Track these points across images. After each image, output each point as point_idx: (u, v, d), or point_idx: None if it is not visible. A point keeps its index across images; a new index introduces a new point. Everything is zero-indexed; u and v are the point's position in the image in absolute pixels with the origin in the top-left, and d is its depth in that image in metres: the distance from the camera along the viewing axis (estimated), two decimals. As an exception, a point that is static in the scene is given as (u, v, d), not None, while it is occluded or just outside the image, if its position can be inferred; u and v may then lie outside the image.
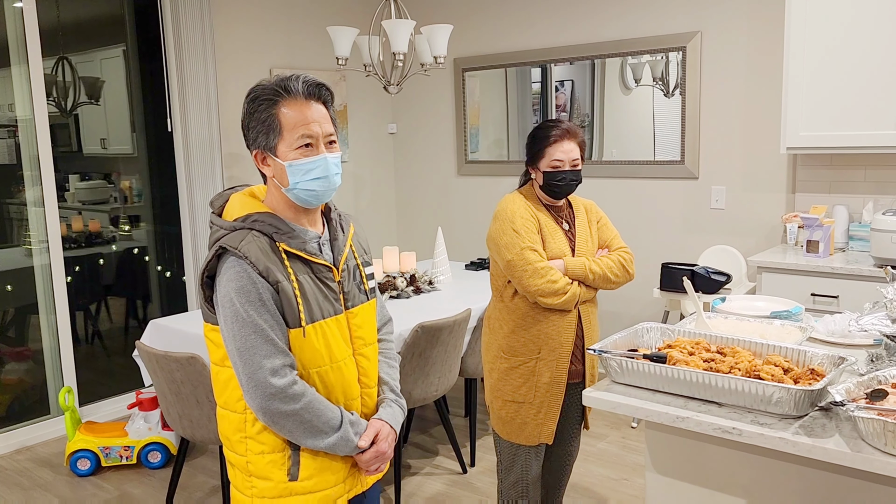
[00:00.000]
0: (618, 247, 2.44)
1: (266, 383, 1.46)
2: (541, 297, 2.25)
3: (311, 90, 1.54)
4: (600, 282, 2.34)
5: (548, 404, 2.36)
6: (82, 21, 4.11)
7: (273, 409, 1.47)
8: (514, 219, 2.29)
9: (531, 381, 2.34)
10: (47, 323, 3.97)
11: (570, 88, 4.59)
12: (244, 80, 4.57)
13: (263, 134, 1.53)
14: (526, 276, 2.24)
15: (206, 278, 1.53)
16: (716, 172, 4.12)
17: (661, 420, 1.63)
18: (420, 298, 3.62)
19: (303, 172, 1.52)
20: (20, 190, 3.84)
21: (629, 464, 3.46)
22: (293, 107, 1.51)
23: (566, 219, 2.42)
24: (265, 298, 1.48)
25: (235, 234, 1.51)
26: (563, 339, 2.33)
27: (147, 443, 3.47)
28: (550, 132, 2.32)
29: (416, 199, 5.52)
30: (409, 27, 3.58)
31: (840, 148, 3.43)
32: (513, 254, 2.26)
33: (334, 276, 1.60)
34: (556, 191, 2.33)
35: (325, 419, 1.52)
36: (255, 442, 1.55)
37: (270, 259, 1.50)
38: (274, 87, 1.52)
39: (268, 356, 1.47)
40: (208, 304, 1.55)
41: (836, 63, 3.39)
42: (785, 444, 1.48)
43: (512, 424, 2.39)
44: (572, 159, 2.31)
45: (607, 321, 4.62)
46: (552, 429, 2.38)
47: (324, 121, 1.54)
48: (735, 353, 1.77)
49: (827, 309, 3.30)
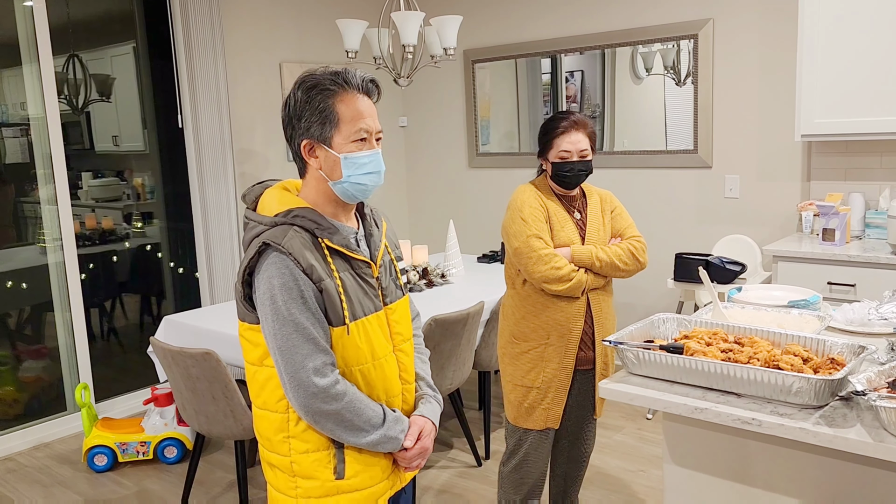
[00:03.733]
0: (631, 235, 2.45)
1: (309, 382, 1.44)
2: (545, 283, 2.29)
3: (367, 85, 1.53)
4: (608, 269, 2.35)
5: (555, 389, 2.40)
6: (92, 19, 4.12)
7: (315, 408, 1.46)
8: (522, 208, 2.34)
9: (539, 367, 2.39)
10: (62, 320, 3.99)
11: (580, 79, 4.56)
12: (254, 76, 4.57)
13: (318, 124, 1.50)
14: (531, 262, 2.28)
15: (247, 275, 1.49)
16: (729, 161, 4.08)
17: (680, 411, 1.62)
18: (433, 292, 3.62)
19: (356, 166, 1.51)
20: (34, 188, 3.86)
21: (645, 455, 3.44)
22: (350, 100, 1.50)
23: (578, 208, 2.43)
24: (307, 296, 1.45)
25: (278, 230, 1.48)
26: (571, 325, 2.37)
27: (163, 438, 3.49)
28: (558, 123, 2.36)
29: (427, 192, 5.51)
30: (418, 19, 3.56)
31: (856, 134, 3.38)
32: (519, 241, 2.31)
33: (373, 272, 1.58)
34: (566, 181, 2.36)
35: (366, 417, 1.50)
36: (299, 441, 1.53)
37: (314, 256, 1.48)
38: (332, 78, 1.50)
39: (309, 355, 1.45)
40: (246, 303, 1.51)
41: (851, 48, 3.34)
42: (805, 435, 1.46)
43: (520, 408, 2.44)
44: (580, 150, 2.33)
45: (621, 312, 4.60)
46: (558, 413, 2.43)
47: (375, 116, 1.55)
48: (753, 343, 1.75)
49: (844, 297, 3.27)
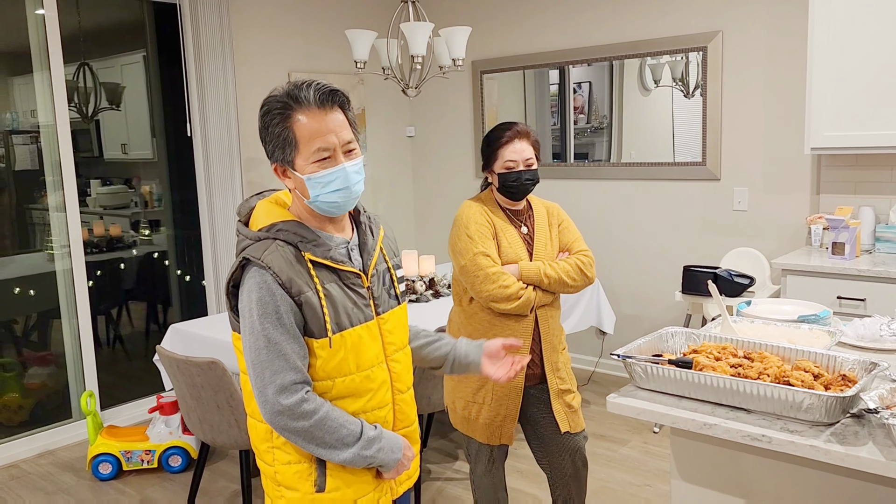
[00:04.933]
0: (578, 250, 2.41)
1: (273, 400, 1.43)
2: (493, 302, 2.26)
3: (323, 98, 1.46)
4: (556, 286, 2.32)
5: (506, 407, 2.38)
6: (104, 28, 4.15)
7: (281, 424, 1.45)
8: (468, 224, 2.30)
9: (488, 385, 2.37)
10: (69, 327, 4.00)
11: (588, 90, 4.56)
12: (263, 85, 4.58)
13: (279, 148, 1.48)
14: (478, 281, 2.25)
15: (231, 288, 1.51)
16: (738, 174, 4.07)
17: (689, 427, 1.60)
18: (439, 302, 3.61)
19: (322, 185, 1.48)
20: (43, 195, 3.88)
21: (652, 469, 3.41)
22: (307, 118, 1.45)
23: (525, 221, 2.40)
24: (283, 311, 1.44)
25: (259, 245, 1.49)
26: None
27: (168, 447, 3.48)
28: (502, 134, 2.33)
29: (434, 202, 5.50)
30: (427, 30, 3.57)
31: (866, 148, 3.36)
32: (466, 259, 2.27)
33: (363, 283, 1.57)
34: (513, 191, 2.33)
35: (338, 436, 1.47)
36: (281, 452, 1.53)
37: (294, 269, 1.47)
38: (284, 100, 1.45)
39: (278, 372, 1.44)
40: (234, 314, 1.53)
41: (861, 61, 3.33)
42: (816, 453, 1.44)
43: (476, 423, 2.42)
44: (525, 159, 2.31)
45: (628, 324, 4.58)
46: (511, 430, 2.42)
47: (340, 128, 1.48)
48: (763, 359, 1.73)
49: (854, 312, 3.24)
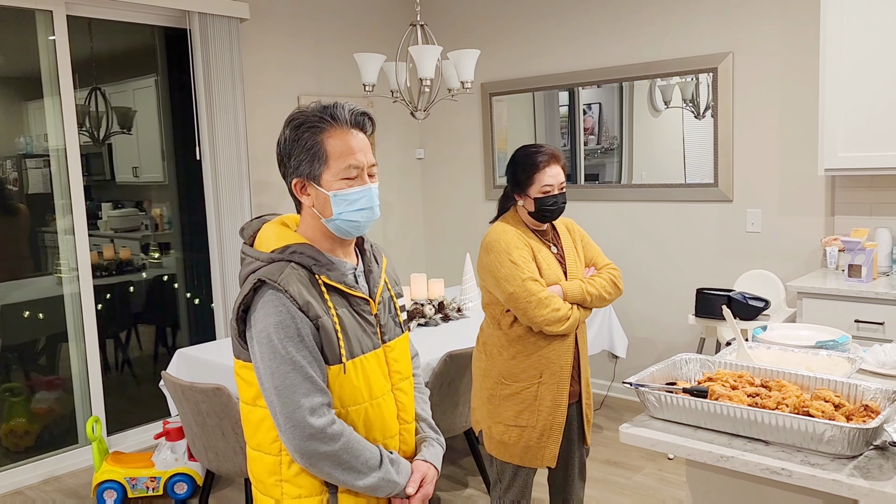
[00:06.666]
0: (604, 264, 2.48)
1: (305, 423, 1.39)
2: (546, 326, 2.28)
3: (356, 119, 1.49)
4: (596, 302, 2.38)
5: (550, 427, 2.37)
6: (116, 53, 4.17)
7: (311, 449, 1.41)
8: (510, 250, 2.30)
9: (533, 406, 2.36)
10: (77, 351, 3.98)
11: (598, 111, 4.54)
12: (272, 108, 4.59)
13: (307, 162, 1.47)
14: (531, 307, 2.25)
15: (242, 312, 1.46)
16: (751, 195, 4.02)
17: (705, 459, 1.54)
18: (448, 326, 3.56)
19: (347, 203, 1.47)
20: (53, 219, 3.88)
21: (666, 497, 3.33)
22: (339, 135, 1.47)
23: (552, 241, 2.44)
24: (304, 334, 1.42)
25: (274, 266, 1.45)
26: (562, 362, 2.36)
27: (173, 474, 3.44)
28: (538, 158, 2.34)
29: (444, 224, 5.48)
30: (435, 53, 3.56)
31: (881, 169, 3.31)
32: (514, 286, 2.26)
33: (371, 309, 1.54)
34: (548, 215, 2.36)
35: (363, 459, 1.45)
36: (291, 485, 1.48)
37: (311, 293, 1.44)
38: (319, 115, 1.47)
39: (306, 395, 1.40)
40: (241, 340, 1.48)
41: (875, 81, 3.29)
42: (840, 487, 1.38)
43: (515, 448, 2.39)
44: (560, 183, 2.35)
45: (641, 348, 4.51)
46: (555, 452, 2.39)
47: (367, 150, 1.50)
48: (781, 387, 1.68)
49: (873, 336, 3.17)
